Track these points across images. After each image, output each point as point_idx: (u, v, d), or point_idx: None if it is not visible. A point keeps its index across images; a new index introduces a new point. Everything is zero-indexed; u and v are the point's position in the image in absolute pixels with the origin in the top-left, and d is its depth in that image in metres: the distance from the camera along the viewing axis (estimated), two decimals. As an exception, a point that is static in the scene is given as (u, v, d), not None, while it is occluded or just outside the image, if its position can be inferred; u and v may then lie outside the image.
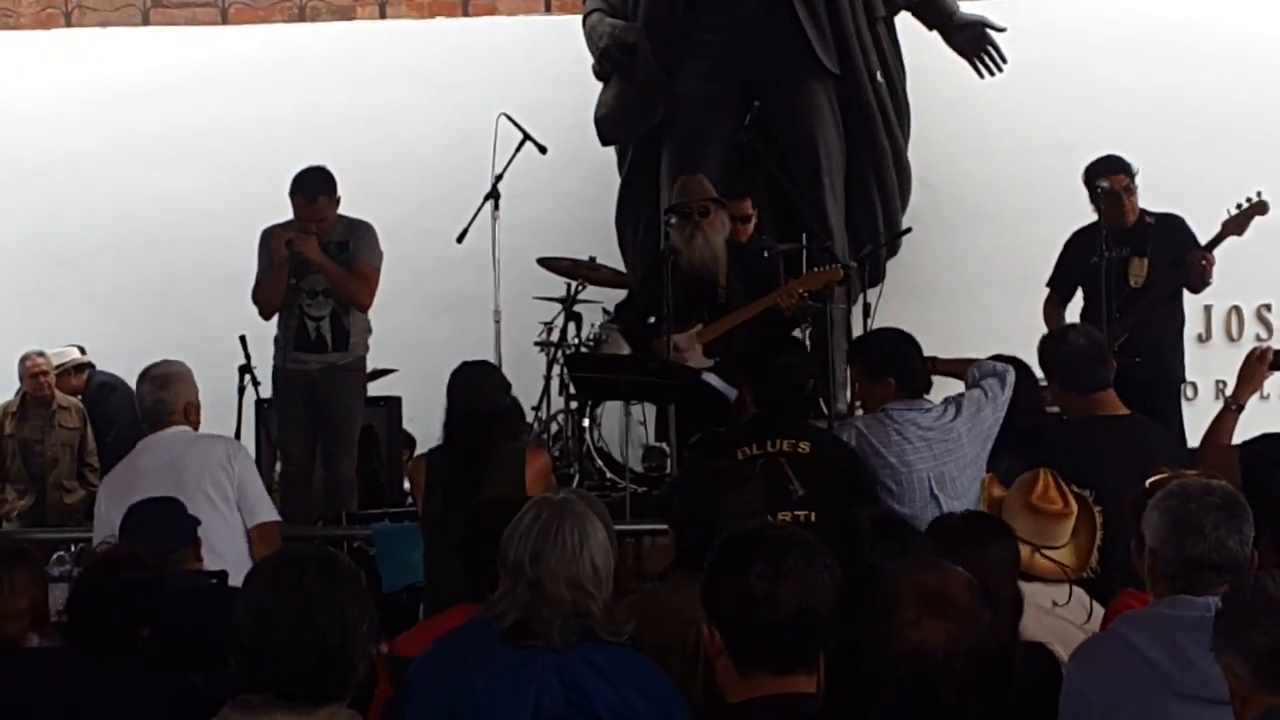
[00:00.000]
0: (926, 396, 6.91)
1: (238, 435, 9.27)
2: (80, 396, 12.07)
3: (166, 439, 6.93)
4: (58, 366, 12.01)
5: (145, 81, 13.32)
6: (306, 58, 13.30)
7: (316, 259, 8.99)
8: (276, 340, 9.27)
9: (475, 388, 7.06)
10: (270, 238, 9.12)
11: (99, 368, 12.32)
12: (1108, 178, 9.23)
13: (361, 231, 9.17)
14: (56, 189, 13.19)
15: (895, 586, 2.63)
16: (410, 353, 11.14)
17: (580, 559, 4.09)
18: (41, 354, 11.77)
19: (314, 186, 9.01)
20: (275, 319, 9.25)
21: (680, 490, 5.12)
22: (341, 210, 9.15)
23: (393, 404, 10.68)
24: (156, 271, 13.06)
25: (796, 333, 9.71)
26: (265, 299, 9.17)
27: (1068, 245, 9.57)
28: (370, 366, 9.68)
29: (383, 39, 13.32)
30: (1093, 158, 9.43)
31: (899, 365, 6.87)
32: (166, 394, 6.98)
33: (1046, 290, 9.65)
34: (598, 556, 4.12)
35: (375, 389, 10.32)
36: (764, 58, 11.01)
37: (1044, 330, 8.19)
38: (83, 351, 12.28)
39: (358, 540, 8.67)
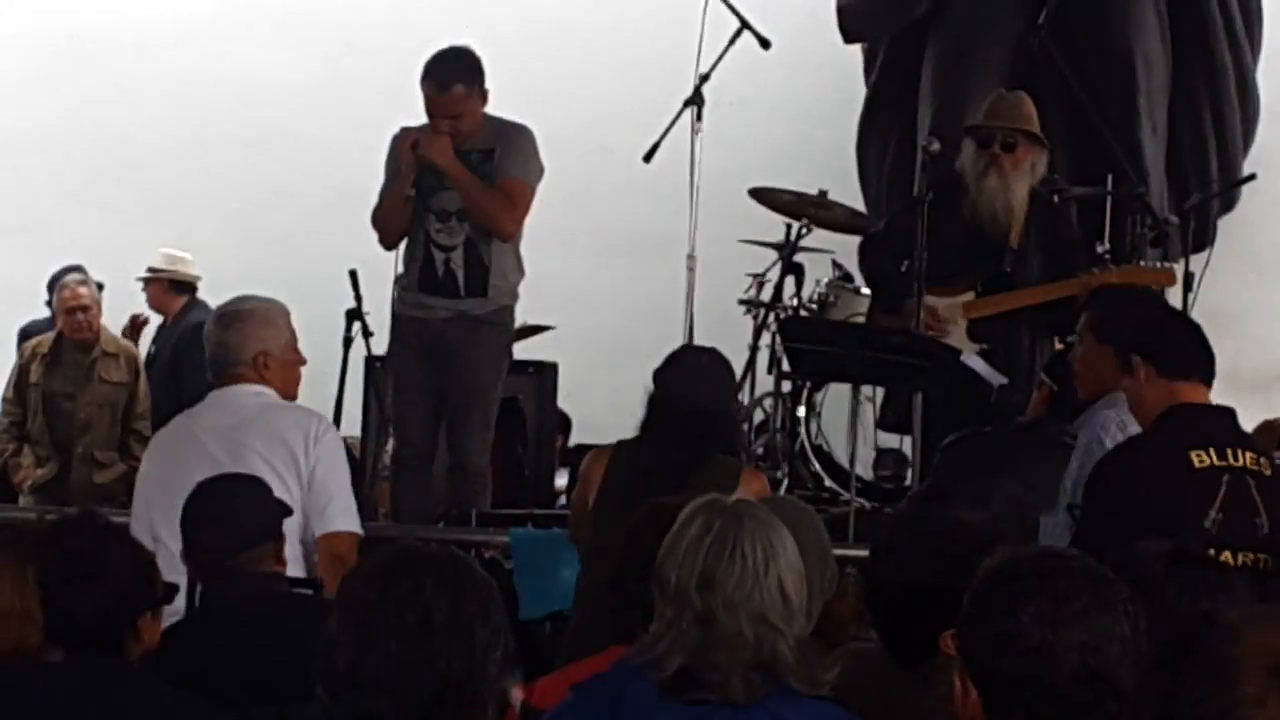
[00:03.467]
0: None
1: (339, 400, 9.33)
2: (165, 324, 11.74)
3: (235, 397, 6.82)
4: (159, 270, 11.61)
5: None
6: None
7: (448, 165, 8.90)
8: (398, 278, 9.24)
9: (697, 380, 6.98)
10: (399, 140, 9.14)
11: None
12: None
13: (513, 136, 9.09)
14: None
15: (1235, 650, 2.60)
16: (571, 306, 11.20)
17: (765, 584, 4.02)
18: (83, 279, 11.26)
19: (449, 72, 8.94)
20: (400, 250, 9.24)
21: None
22: (492, 111, 9.12)
23: (545, 372, 10.68)
24: (250, 179, 13.19)
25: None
26: (386, 220, 9.12)
27: None
28: (519, 321, 9.65)
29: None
30: None
31: None
32: (230, 337, 6.84)
33: None
34: (788, 580, 4.05)
35: (523, 350, 10.35)
36: (1069, -64, 10.95)
37: None
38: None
39: (490, 549, 8.70)
